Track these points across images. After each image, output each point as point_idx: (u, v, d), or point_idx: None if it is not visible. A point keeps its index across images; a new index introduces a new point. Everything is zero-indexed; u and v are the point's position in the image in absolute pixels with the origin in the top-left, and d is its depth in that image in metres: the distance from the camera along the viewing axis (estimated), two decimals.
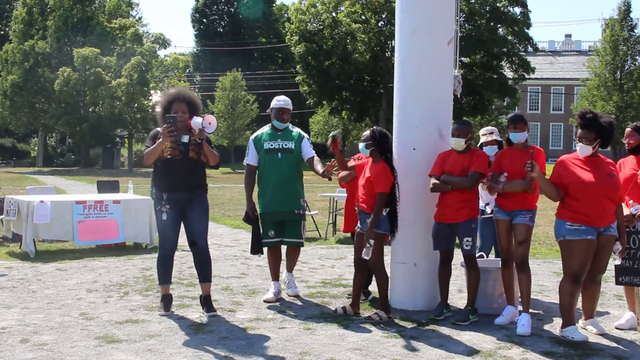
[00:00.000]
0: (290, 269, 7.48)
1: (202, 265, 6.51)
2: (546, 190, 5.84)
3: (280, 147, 7.11)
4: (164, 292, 6.60)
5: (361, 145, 6.44)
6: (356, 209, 6.51)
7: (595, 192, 5.64)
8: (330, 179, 7.20)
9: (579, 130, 5.80)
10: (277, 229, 7.16)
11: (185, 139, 6.24)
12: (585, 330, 6.04)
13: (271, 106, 7.25)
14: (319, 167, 6.94)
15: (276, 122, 7.18)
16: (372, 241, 6.18)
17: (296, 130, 7.33)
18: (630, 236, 6.10)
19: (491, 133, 7.46)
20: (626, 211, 6.05)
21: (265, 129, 7.30)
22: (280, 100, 7.24)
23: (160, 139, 6.14)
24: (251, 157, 7.22)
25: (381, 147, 6.37)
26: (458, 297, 7.32)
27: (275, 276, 7.30)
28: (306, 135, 7.36)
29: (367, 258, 6.24)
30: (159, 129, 6.32)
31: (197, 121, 6.11)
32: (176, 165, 6.25)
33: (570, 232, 5.68)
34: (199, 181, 6.42)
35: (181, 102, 6.30)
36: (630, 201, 6.13)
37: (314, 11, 43.15)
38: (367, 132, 6.48)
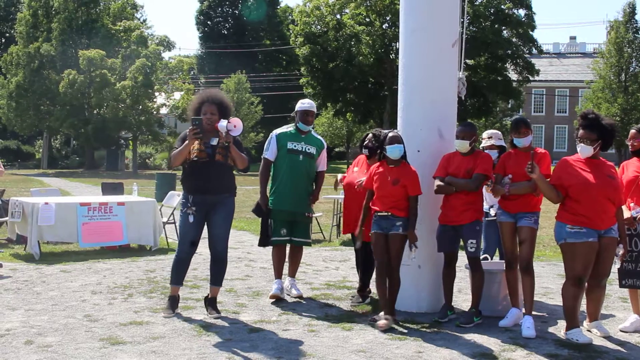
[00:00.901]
0: (292, 273, 7.50)
1: (216, 269, 6.54)
2: (546, 192, 5.83)
3: (304, 150, 7.21)
4: (172, 292, 6.61)
5: (398, 147, 6.21)
6: (386, 214, 6.22)
7: (596, 194, 5.62)
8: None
9: (580, 131, 5.78)
10: (288, 228, 7.21)
11: (214, 141, 6.25)
12: (590, 332, 6.02)
13: (296, 109, 7.33)
14: (316, 192, 7.36)
15: (301, 124, 7.26)
16: (417, 244, 6.19)
17: (319, 137, 7.49)
18: (632, 239, 6.09)
19: (490, 137, 7.45)
20: (627, 214, 6.04)
21: (290, 128, 7.36)
22: (305, 103, 7.35)
23: (187, 141, 6.17)
24: (271, 153, 7.29)
25: (404, 148, 6.34)
26: (462, 300, 7.31)
27: (279, 274, 7.31)
28: (326, 145, 7.54)
29: (409, 262, 6.28)
30: (188, 130, 6.34)
31: (222, 124, 6.14)
32: (202, 167, 6.26)
33: (571, 235, 5.67)
34: (226, 184, 6.41)
35: (211, 104, 6.33)
36: (632, 204, 6.11)
37: (318, 13, 43.24)
38: (396, 134, 6.30)
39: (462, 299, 7.32)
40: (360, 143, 7.33)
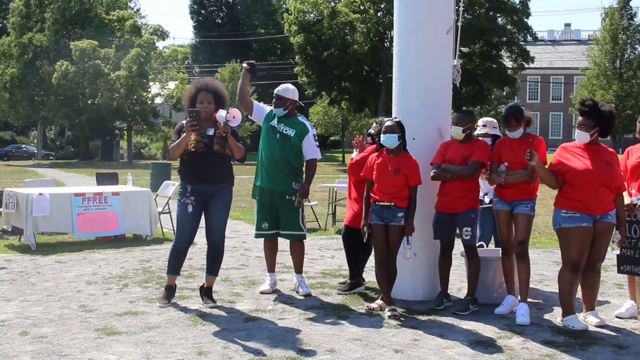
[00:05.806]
0: (298, 269, 7.19)
1: (213, 259, 6.53)
2: (545, 179, 5.82)
3: (281, 130, 6.96)
4: (169, 282, 6.58)
5: (390, 137, 6.12)
6: (388, 204, 6.13)
7: (591, 179, 5.61)
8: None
9: (579, 118, 5.78)
10: (272, 220, 7.01)
11: (211, 131, 6.22)
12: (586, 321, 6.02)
13: None
14: (305, 185, 6.90)
15: (274, 107, 7.07)
16: (412, 236, 6.12)
17: (304, 122, 7.10)
18: (631, 225, 6.08)
19: (484, 125, 7.42)
20: (628, 200, 6.02)
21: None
22: (278, 88, 7.12)
23: (184, 134, 6.14)
24: (259, 108, 7.22)
25: (404, 137, 6.26)
26: (458, 288, 7.31)
27: (271, 267, 7.23)
28: (312, 131, 7.07)
29: (408, 258, 6.20)
30: (184, 122, 6.30)
31: (221, 114, 6.10)
32: (200, 158, 6.23)
33: (565, 220, 5.67)
34: (224, 174, 6.39)
35: (208, 92, 6.30)
36: (633, 191, 6.09)
37: (312, 1, 43.02)
38: (392, 123, 6.18)
39: (458, 287, 7.33)
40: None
